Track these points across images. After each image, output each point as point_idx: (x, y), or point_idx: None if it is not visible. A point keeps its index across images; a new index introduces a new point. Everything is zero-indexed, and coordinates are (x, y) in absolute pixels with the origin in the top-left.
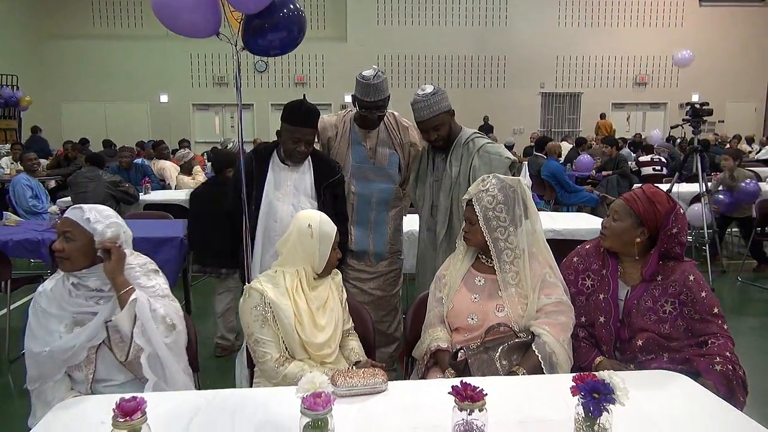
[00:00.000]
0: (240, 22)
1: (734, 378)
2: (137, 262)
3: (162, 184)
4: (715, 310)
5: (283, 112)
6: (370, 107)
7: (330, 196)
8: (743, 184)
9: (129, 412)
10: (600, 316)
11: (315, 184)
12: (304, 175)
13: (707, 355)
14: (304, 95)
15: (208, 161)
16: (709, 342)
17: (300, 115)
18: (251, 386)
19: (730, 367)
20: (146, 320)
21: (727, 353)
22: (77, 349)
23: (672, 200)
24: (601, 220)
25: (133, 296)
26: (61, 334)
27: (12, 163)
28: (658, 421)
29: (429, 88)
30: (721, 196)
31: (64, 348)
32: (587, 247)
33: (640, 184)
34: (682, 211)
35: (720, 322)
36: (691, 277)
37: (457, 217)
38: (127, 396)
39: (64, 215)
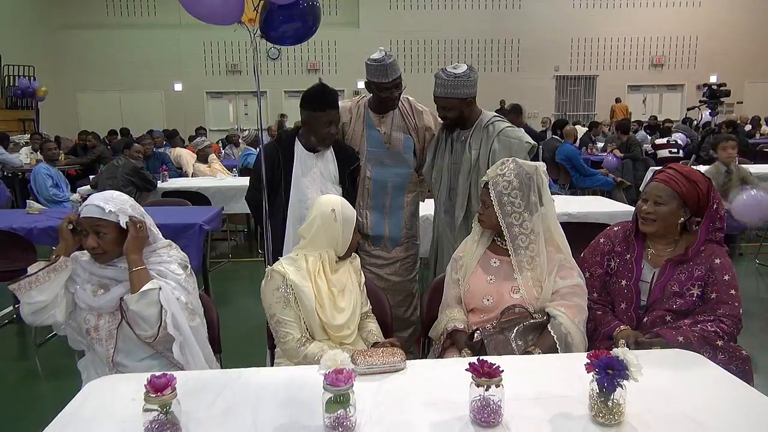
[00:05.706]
0: (257, 11)
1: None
2: (174, 254)
3: (179, 172)
4: (732, 292)
5: (305, 102)
6: (389, 87)
7: (350, 181)
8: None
9: (160, 387)
10: (621, 302)
11: (339, 170)
12: (328, 162)
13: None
14: (320, 79)
15: (223, 149)
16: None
17: (326, 99)
18: (272, 366)
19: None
20: (176, 311)
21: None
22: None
23: (705, 177)
24: (626, 204)
25: (150, 285)
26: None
27: (32, 153)
28: (671, 397)
29: (461, 69)
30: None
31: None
32: (615, 229)
33: (658, 167)
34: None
35: (735, 303)
36: (717, 261)
37: (475, 200)
38: (158, 373)
39: (86, 214)
